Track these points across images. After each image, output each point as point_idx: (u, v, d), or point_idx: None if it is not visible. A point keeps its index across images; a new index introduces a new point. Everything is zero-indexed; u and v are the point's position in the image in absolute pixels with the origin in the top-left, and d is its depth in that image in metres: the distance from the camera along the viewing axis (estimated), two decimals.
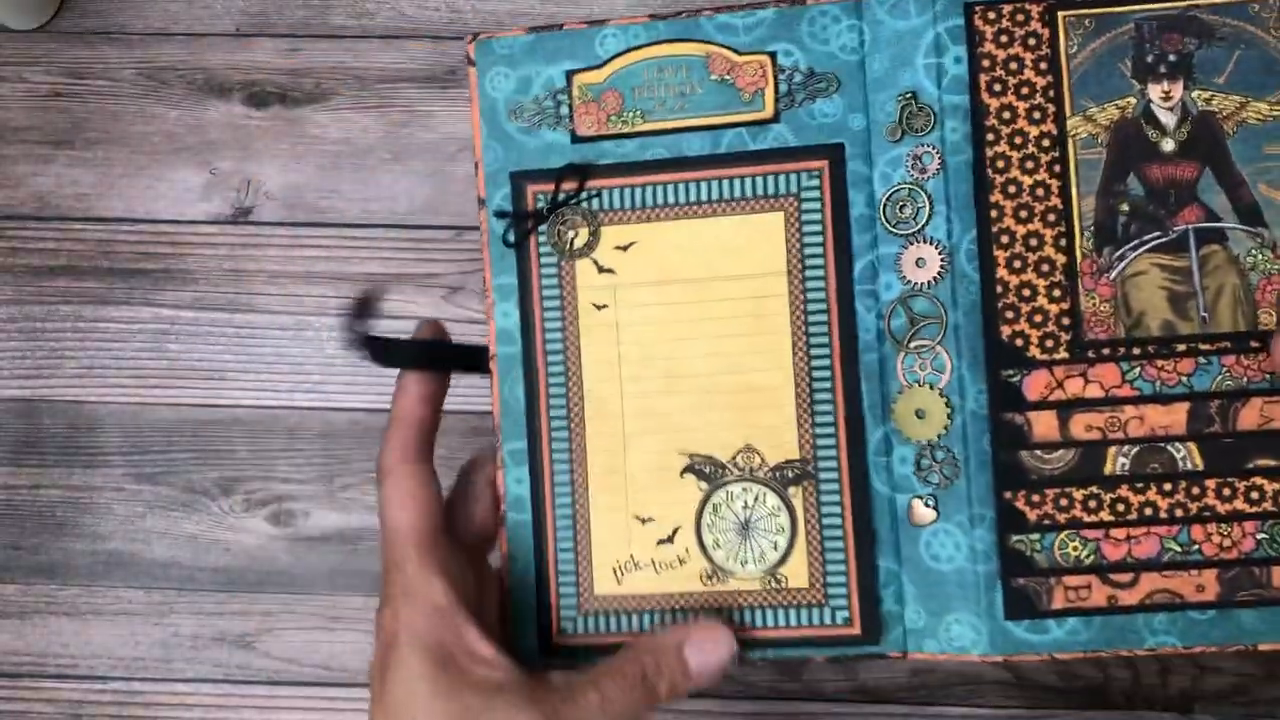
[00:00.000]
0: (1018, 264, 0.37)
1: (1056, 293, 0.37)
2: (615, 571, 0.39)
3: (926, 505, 0.37)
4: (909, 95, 0.37)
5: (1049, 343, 0.37)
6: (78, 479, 0.61)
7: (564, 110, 0.39)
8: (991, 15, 0.37)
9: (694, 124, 0.39)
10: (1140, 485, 0.36)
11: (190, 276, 0.61)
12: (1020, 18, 0.37)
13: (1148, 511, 0.36)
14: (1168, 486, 0.36)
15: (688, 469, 0.39)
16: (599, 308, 0.39)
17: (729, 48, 0.38)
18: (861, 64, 0.38)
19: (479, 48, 0.40)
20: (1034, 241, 0.37)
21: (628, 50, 0.39)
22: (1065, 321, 0.36)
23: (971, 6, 0.37)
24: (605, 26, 0.39)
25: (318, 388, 0.61)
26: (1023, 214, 0.37)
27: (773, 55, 0.38)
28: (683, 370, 0.39)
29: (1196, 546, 0.36)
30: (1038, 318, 0.37)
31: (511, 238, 0.39)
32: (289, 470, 0.60)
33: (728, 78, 0.38)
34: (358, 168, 0.61)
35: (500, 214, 0.40)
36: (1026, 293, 0.37)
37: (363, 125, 0.61)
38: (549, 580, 0.39)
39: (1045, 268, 0.37)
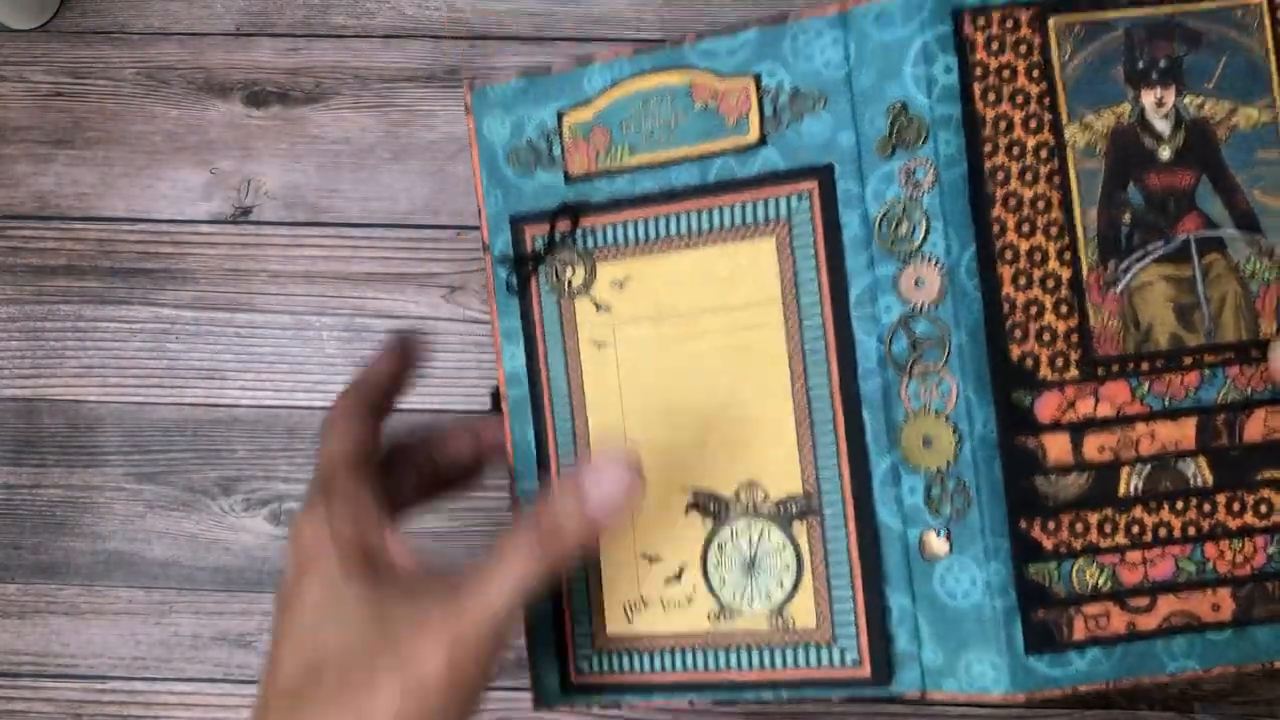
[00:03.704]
0: (1023, 280, 0.35)
1: (1064, 309, 0.35)
2: (626, 610, 0.38)
3: (939, 537, 0.36)
4: (899, 106, 0.36)
5: (1059, 361, 0.35)
6: (78, 479, 0.61)
7: (556, 151, 0.39)
8: (981, 21, 0.36)
9: (681, 155, 0.38)
10: (1153, 505, 0.35)
11: (190, 276, 0.61)
12: (1010, 24, 0.36)
13: (1161, 532, 0.35)
14: (1180, 504, 0.35)
15: (692, 506, 0.38)
16: (599, 346, 0.39)
17: (712, 72, 0.37)
18: (848, 78, 0.36)
19: (475, 96, 0.39)
20: (1038, 256, 0.36)
21: (614, 85, 0.38)
22: (1074, 339, 0.35)
23: (959, 12, 0.35)
24: (592, 64, 0.38)
25: (318, 388, 0.61)
26: (1025, 228, 0.36)
27: (756, 77, 0.37)
28: (682, 405, 0.38)
29: (1210, 564, 0.35)
30: (1046, 336, 0.35)
31: (514, 282, 0.39)
32: (289, 470, 0.60)
33: (711, 104, 0.37)
34: (358, 168, 0.61)
35: (502, 259, 0.39)
36: (1034, 310, 0.35)
37: (363, 125, 0.61)
38: (565, 619, 0.39)
39: (1051, 283, 0.36)
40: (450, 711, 0.32)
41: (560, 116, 0.39)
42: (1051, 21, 0.36)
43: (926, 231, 0.36)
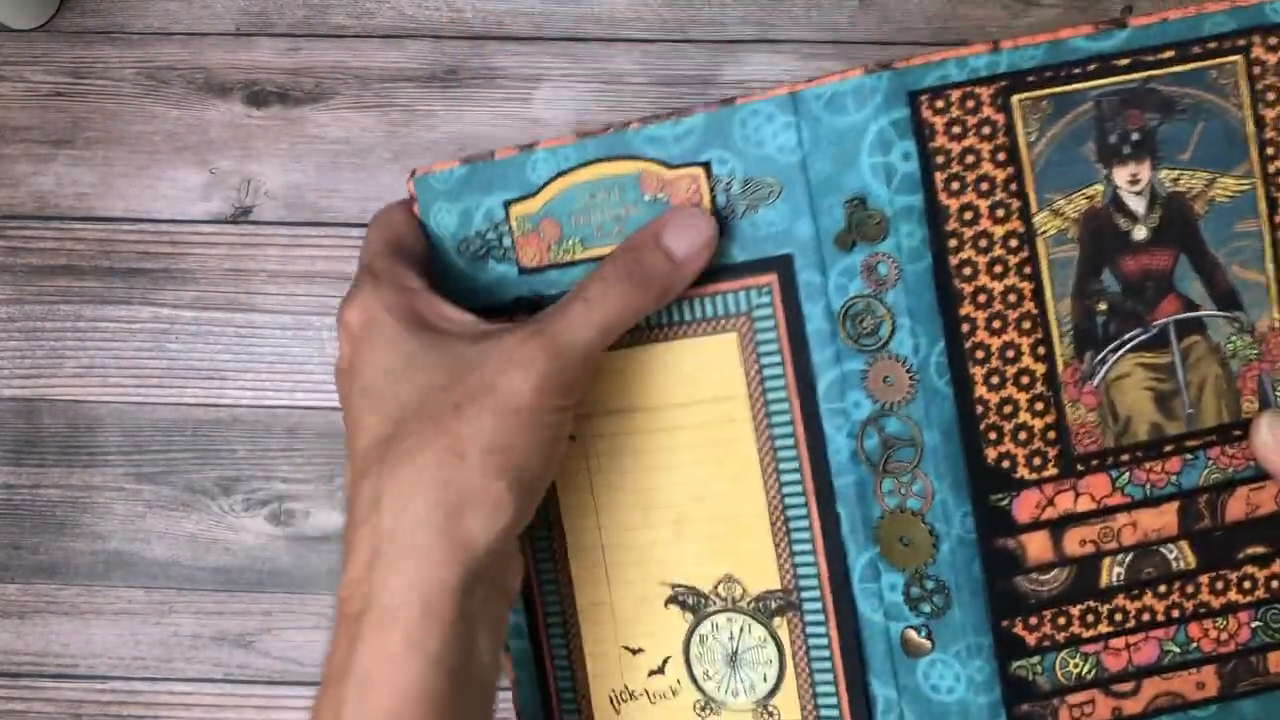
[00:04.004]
0: (995, 379, 0.34)
1: (1039, 405, 0.34)
2: (613, 702, 0.38)
3: (921, 635, 0.35)
4: (856, 201, 0.34)
5: (1036, 460, 0.34)
6: (78, 479, 0.61)
7: (506, 242, 0.37)
8: (940, 104, 0.33)
9: None
10: (1136, 592, 0.35)
11: (190, 276, 0.61)
12: (971, 104, 0.33)
13: (1145, 617, 0.35)
14: (1163, 589, 0.35)
15: (671, 600, 0.37)
16: (568, 439, 0.37)
17: (660, 162, 0.35)
18: (803, 164, 0.34)
19: (418, 184, 0.37)
20: (1010, 353, 0.34)
21: (559, 175, 0.36)
22: (1051, 436, 0.34)
23: (916, 95, 0.33)
24: (536, 150, 0.36)
25: (318, 388, 0.61)
26: (996, 324, 0.34)
27: (706, 165, 0.35)
28: (655, 499, 0.37)
29: (1194, 644, 0.35)
30: (1022, 435, 0.34)
31: None
32: (289, 470, 0.60)
33: (661, 195, 0.35)
34: (358, 167, 0.61)
35: None
36: (1008, 409, 0.34)
37: (363, 125, 0.61)
38: (554, 710, 0.38)
39: (1025, 380, 0.34)
40: (540, 440, 0.32)
41: (507, 206, 0.37)
42: (1015, 99, 0.34)
43: (893, 329, 0.34)
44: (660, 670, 0.37)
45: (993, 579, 0.35)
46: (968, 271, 0.34)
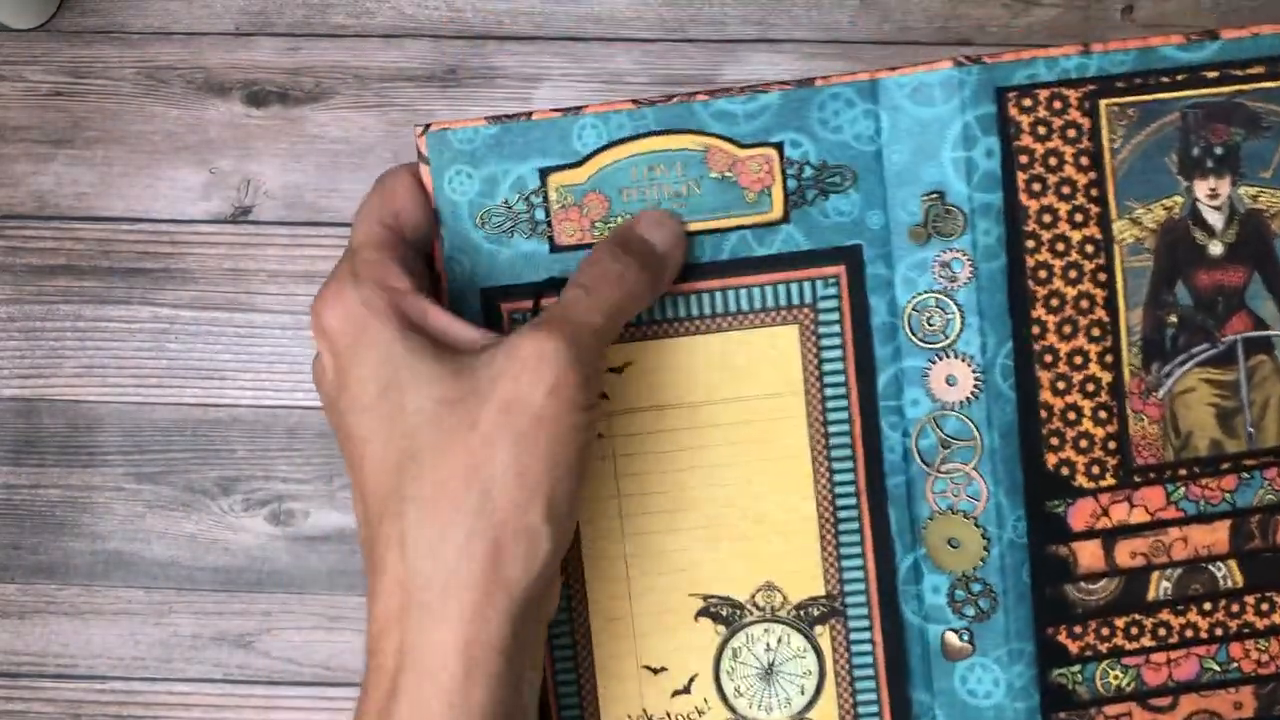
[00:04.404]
0: (1062, 385, 0.34)
1: (1103, 414, 0.34)
2: None
3: (961, 639, 0.35)
4: (935, 195, 0.33)
5: (1095, 469, 0.34)
6: (77, 479, 0.61)
7: (540, 215, 0.34)
8: (1027, 102, 0.33)
9: (693, 229, 0.34)
10: (1181, 607, 0.35)
11: (190, 276, 0.61)
12: (1058, 105, 0.33)
13: (1188, 634, 0.35)
14: (1208, 606, 0.35)
15: (702, 612, 0.35)
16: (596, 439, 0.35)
17: (729, 140, 0.34)
18: (878, 155, 0.33)
19: (432, 142, 0.34)
20: (1078, 359, 0.34)
21: (611, 144, 0.34)
22: (1112, 445, 0.34)
23: (1004, 92, 0.33)
24: (583, 115, 0.34)
25: None
26: (1066, 329, 0.34)
27: (779, 147, 0.34)
28: (689, 503, 0.35)
29: (1235, 664, 0.35)
30: (1084, 443, 0.34)
31: None
32: (289, 470, 0.60)
33: (729, 174, 0.34)
34: (357, 167, 0.61)
35: None
36: (1072, 416, 0.34)
37: (363, 125, 0.61)
38: None
39: (1090, 387, 0.34)
40: (567, 455, 0.30)
41: (544, 175, 0.34)
42: (1103, 104, 0.33)
43: (961, 328, 0.34)
44: (685, 690, 0.36)
45: (1041, 585, 0.34)
46: (1042, 274, 0.34)
